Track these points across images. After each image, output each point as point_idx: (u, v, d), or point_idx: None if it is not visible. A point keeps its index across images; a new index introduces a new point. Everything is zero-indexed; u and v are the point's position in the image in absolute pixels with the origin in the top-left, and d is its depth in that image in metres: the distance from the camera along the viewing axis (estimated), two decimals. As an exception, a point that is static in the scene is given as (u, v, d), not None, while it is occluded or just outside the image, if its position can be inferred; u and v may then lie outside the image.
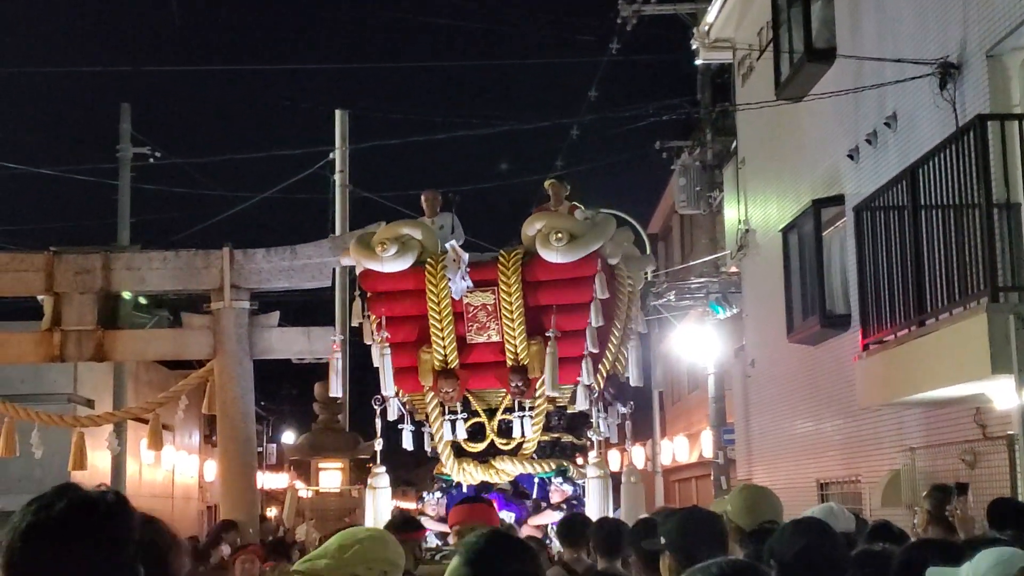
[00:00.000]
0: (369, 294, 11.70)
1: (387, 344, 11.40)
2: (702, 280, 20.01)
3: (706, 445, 22.24)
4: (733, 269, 18.49)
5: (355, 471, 20.66)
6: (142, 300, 17.73)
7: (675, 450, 26.85)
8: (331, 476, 19.97)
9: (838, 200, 12.73)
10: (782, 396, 15.64)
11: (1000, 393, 8.57)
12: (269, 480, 31.50)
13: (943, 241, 8.72)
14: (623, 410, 12.38)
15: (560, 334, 10.87)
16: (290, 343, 15.12)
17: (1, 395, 15.09)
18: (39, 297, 14.62)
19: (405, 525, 6.62)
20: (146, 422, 16.27)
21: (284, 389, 38.43)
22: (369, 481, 12.09)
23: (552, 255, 10.84)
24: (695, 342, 20.40)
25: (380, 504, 11.59)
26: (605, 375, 11.54)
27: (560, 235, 10.76)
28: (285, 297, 16.50)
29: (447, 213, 12.18)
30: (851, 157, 12.25)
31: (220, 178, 67.33)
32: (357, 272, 11.95)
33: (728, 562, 2.56)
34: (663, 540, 4.02)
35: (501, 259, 11.15)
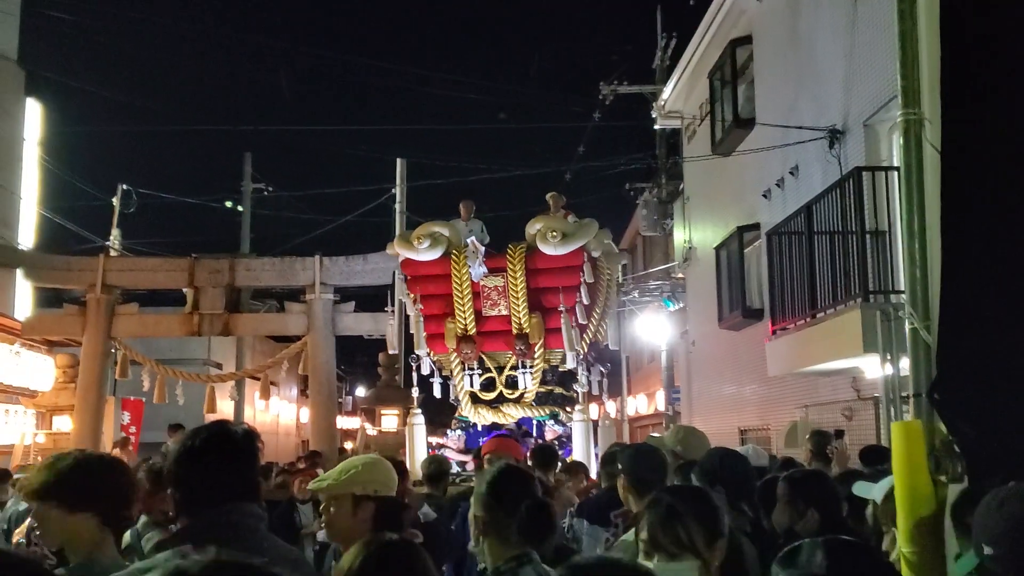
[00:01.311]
0: (408, 277, 11.59)
1: (421, 315, 11.38)
2: (658, 283, 19.98)
3: (659, 401, 22.20)
4: (680, 275, 18.46)
5: (405, 415, 20.64)
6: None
7: (637, 405, 26.78)
8: (390, 420, 19.91)
9: (755, 227, 12.72)
10: (714, 366, 15.63)
11: (869, 366, 8.60)
12: (345, 422, 31.50)
13: (830, 257, 8.72)
14: (602, 369, 12.38)
15: (556, 309, 10.88)
16: (362, 324, 15.22)
17: (156, 359, 15.17)
18: (183, 289, 14.71)
19: (440, 476, 6.46)
20: (258, 379, 16.38)
21: (357, 357, 38.41)
22: (408, 420, 12.05)
23: (549, 248, 10.79)
24: (652, 327, 20.35)
25: (417, 438, 11.54)
26: (588, 342, 11.48)
27: (555, 233, 10.73)
28: (359, 291, 16.55)
29: (477, 220, 11.98)
30: (765, 196, 12.24)
31: (313, 205, 67.30)
32: (399, 261, 11.80)
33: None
34: (619, 466, 4.03)
35: (509, 251, 11.10)
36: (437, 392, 11.92)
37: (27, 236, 18.92)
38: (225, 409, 18.96)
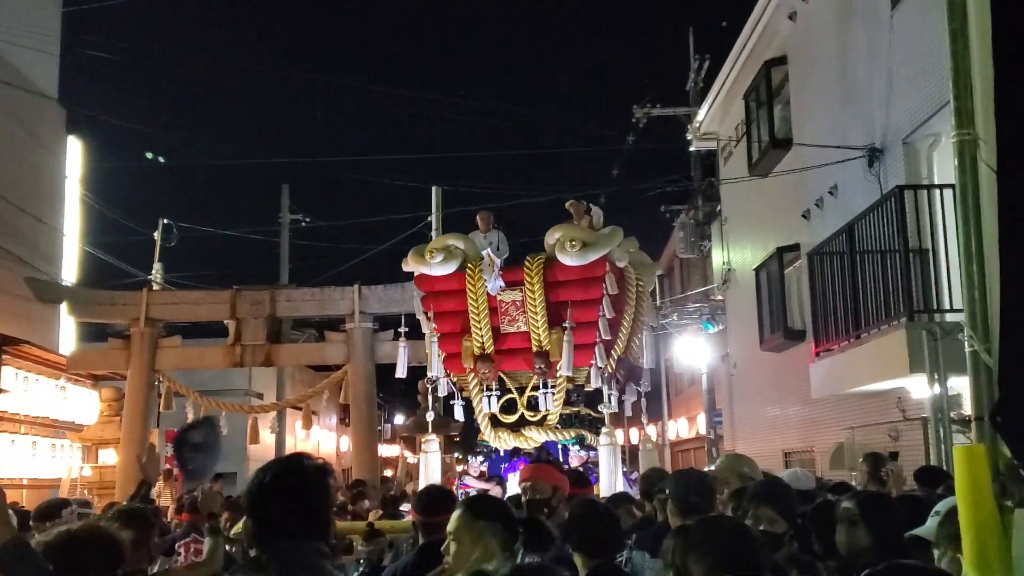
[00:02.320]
0: (423, 294, 10.90)
1: (435, 333, 10.68)
2: (697, 305, 19.89)
3: (701, 425, 22.05)
4: (719, 297, 18.37)
5: (446, 444, 20.60)
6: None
7: (678, 429, 26.62)
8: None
9: (795, 248, 12.65)
10: (756, 389, 15.51)
11: (916, 386, 8.50)
12: (385, 450, 31.57)
13: (872, 277, 8.66)
14: (639, 389, 11.50)
15: (575, 325, 10.07)
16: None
17: (198, 390, 15.28)
18: (225, 321, 14.83)
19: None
20: (299, 409, 16.45)
21: (396, 384, 38.50)
22: (421, 447, 11.37)
23: (568, 259, 10.01)
24: (692, 350, 20.27)
25: (431, 465, 10.94)
26: (616, 359, 10.64)
27: (574, 242, 9.97)
28: (398, 318, 16.56)
29: (496, 231, 11.23)
30: (804, 216, 12.18)
31: (351, 235, 67.82)
32: (413, 277, 11.07)
33: None
34: (667, 490, 4.00)
35: (527, 263, 10.34)
36: (459, 415, 11.16)
37: (70, 272, 19.23)
38: (267, 440, 19.08)
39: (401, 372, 11.72)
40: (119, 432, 15.04)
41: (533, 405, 10.70)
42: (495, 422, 10.82)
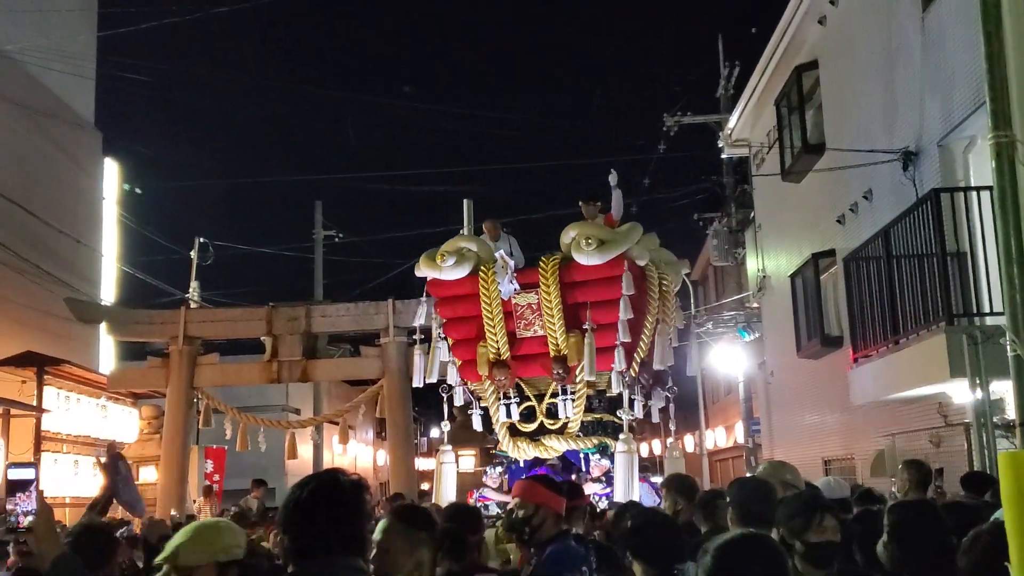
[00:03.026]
0: (436, 299, 10.51)
1: (449, 339, 10.31)
2: (732, 313, 19.78)
3: (739, 434, 21.91)
4: (755, 305, 18.25)
5: (482, 456, 20.65)
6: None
7: (716, 438, 26.46)
8: (466, 460, 20.03)
9: (831, 253, 12.55)
10: (794, 396, 15.37)
11: (957, 392, 8.40)
12: (422, 463, 31.64)
13: (910, 281, 8.58)
14: (667, 394, 10.93)
15: (596, 327, 9.56)
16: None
17: (236, 407, 15.40)
18: (262, 338, 14.95)
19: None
20: (336, 424, 16.54)
21: (431, 397, 38.55)
22: (437, 458, 10.94)
23: (584, 258, 9.56)
24: (729, 358, 20.16)
25: (446, 478, 10.53)
26: (639, 362, 10.12)
27: (590, 240, 9.51)
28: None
29: (507, 237, 10.69)
30: (839, 222, 12.08)
31: (384, 250, 68.22)
32: (426, 282, 10.69)
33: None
34: (728, 499, 3.95)
35: (541, 264, 9.90)
36: (477, 425, 10.69)
37: (109, 292, 19.51)
38: (305, 454, 19.19)
39: (417, 381, 11.27)
40: (159, 449, 15.20)
41: (552, 413, 10.21)
42: (513, 431, 10.36)
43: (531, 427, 10.29)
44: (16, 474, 12.56)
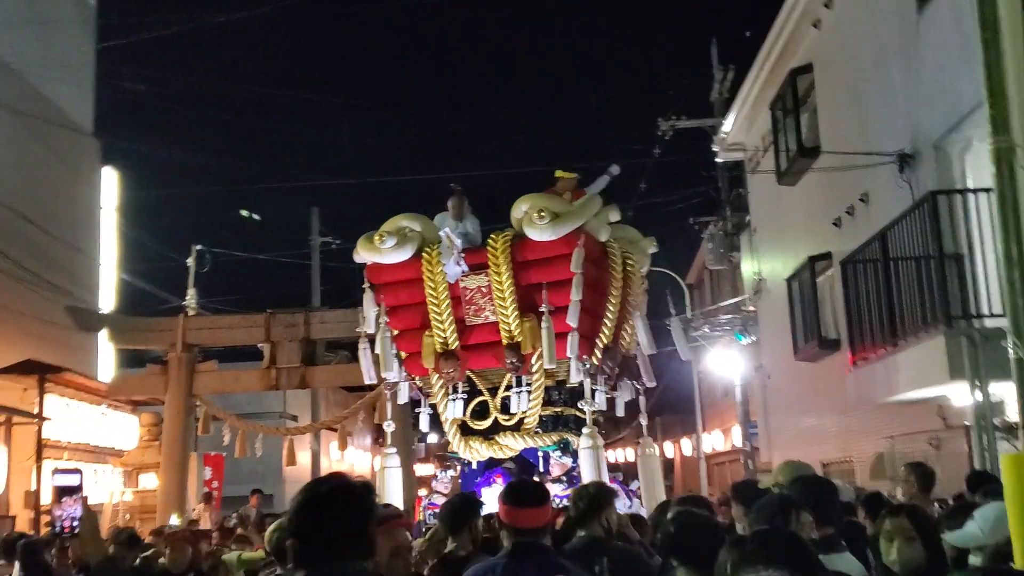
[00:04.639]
0: (374, 285, 9.30)
1: (388, 329, 9.14)
2: (728, 317, 19.78)
3: (736, 437, 21.91)
4: (751, 308, 18.27)
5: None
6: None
7: (713, 442, 26.48)
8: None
9: (827, 256, 12.58)
10: (792, 399, 15.40)
11: (956, 394, 8.42)
12: (420, 469, 31.60)
13: (908, 284, 8.60)
14: (636, 386, 9.54)
15: (553, 309, 8.42)
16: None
17: (235, 414, 15.40)
18: (260, 344, 14.95)
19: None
20: (334, 430, 16.53)
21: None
22: (381, 461, 9.78)
23: (536, 233, 8.46)
24: (725, 362, 20.18)
25: (389, 483, 9.36)
26: (603, 348, 8.83)
27: (543, 214, 8.42)
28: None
29: (473, 218, 9.42)
30: (836, 224, 12.10)
31: (379, 255, 68.01)
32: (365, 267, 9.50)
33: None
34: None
35: (490, 241, 8.74)
36: (424, 426, 9.53)
37: (108, 300, 19.50)
38: (303, 461, 19.18)
39: (368, 379, 10.04)
40: (159, 456, 15.18)
41: (507, 407, 8.99)
42: (465, 429, 9.15)
43: (484, 424, 9.06)
44: (62, 480, 12.78)
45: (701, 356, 21.37)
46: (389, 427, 9.84)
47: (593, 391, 8.74)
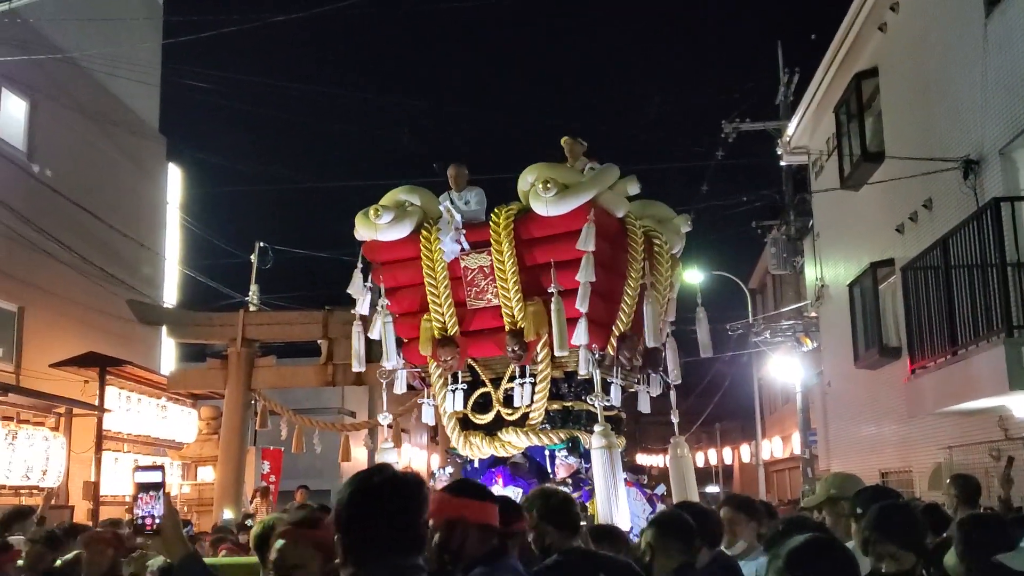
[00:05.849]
0: (372, 264, 8.56)
1: (388, 313, 8.33)
2: (790, 322, 19.63)
3: (795, 444, 21.70)
4: (813, 314, 18.11)
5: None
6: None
7: (772, 449, 26.24)
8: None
9: (890, 263, 12.44)
10: (852, 407, 15.23)
11: (1018, 404, 8.31)
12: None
13: (969, 291, 8.49)
14: (667, 380, 8.54)
15: (562, 290, 7.51)
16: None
17: (292, 409, 15.63)
18: (318, 341, 15.18)
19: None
20: (391, 427, 16.66)
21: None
22: (377, 456, 9.01)
23: (543, 207, 7.57)
24: (786, 368, 20.02)
25: None
26: (620, 337, 7.84)
27: (550, 185, 7.50)
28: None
29: (475, 188, 8.53)
30: (898, 231, 11.97)
31: (439, 255, 68.47)
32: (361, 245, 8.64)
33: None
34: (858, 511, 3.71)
35: (493, 216, 7.86)
36: (427, 417, 8.81)
37: (170, 294, 19.97)
38: (359, 457, 19.41)
39: (357, 366, 9.30)
40: (217, 450, 15.50)
41: (510, 400, 8.05)
42: (465, 423, 8.29)
43: (486, 418, 8.17)
44: (144, 477, 12.96)
45: (762, 362, 21.22)
46: (386, 419, 9.15)
47: (607, 384, 7.78)
